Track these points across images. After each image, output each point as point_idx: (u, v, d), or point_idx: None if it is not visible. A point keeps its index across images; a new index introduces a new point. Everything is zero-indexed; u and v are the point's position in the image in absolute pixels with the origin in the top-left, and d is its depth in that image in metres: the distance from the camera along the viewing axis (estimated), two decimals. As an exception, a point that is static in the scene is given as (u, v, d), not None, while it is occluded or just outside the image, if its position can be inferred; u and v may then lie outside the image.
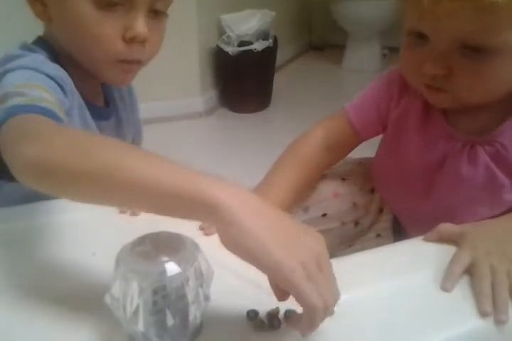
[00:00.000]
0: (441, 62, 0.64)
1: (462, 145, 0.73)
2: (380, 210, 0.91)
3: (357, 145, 0.86)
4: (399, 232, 0.90)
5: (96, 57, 0.73)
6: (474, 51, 0.61)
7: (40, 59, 0.70)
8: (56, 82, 0.66)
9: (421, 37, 0.65)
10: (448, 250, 0.60)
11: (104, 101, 0.85)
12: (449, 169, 0.74)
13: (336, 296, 0.44)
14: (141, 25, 0.69)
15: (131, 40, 0.70)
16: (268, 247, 0.40)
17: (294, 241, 0.43)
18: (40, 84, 0.63)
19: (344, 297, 0.53)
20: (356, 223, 0.89)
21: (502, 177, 0.72)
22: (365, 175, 0.91)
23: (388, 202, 0.89)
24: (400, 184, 0.82)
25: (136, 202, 0.46)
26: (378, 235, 0.90)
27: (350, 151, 0.86)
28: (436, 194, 0.77)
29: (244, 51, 2.43)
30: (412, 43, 0.68)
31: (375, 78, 0.84)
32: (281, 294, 0.45)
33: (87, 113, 0.76)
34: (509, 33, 0.60)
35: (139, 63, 0.75)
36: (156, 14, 0.73)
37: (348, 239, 0.89)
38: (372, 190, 0.91)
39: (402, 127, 0.79)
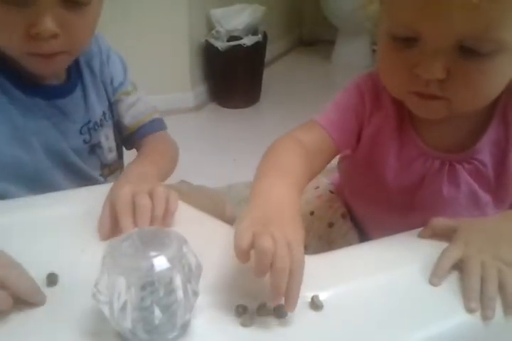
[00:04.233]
0: (438, 64, 0.57)
1: (440, 164, 0.71)
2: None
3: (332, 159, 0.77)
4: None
5: (8, 50, 0.70)
6: (473, 52, 0.56)
7: None
8: None
9: (407, 40, 0.59)
10: (437, 244, 0.60)
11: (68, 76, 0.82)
12: (428, 188, 0.72)
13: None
14: (46, 21, 0.65)
15: (37, 37, 0.66)
16: None
17: None
18: None
19: (331, 292, 0.54)
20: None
21: (484, 195, 0.71)
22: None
23: (360, 213, 0.87)
24: (377, 202, 0.79)
25: None
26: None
27: (326, 165, 0.75)
28: (416, 212, 0.74)
29: (234, 46, 2.42)
30: (396, 47, 0.60)
31: (344, 89, 0.76)
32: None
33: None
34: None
35: (61, 54, 0.71)
36: (75, 3, 0.67)
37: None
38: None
39: (376, 147, 0.74)
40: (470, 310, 0.52)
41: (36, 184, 0.77)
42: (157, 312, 0.44)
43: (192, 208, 0.70)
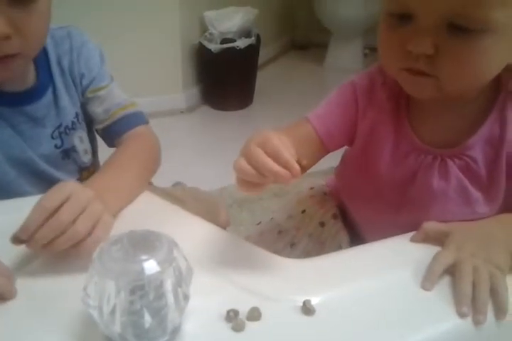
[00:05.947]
0: (428, 40, 0.59)
1: (432, 159, 0.72)
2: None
3: (322, 158, 0.79)
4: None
5: None
6: (461, 30, 0.58)
7: None
8: None
9: (402, 18, 0.61)
10: (429, 249, 0.60)
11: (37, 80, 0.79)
12: (420, 183, 0.73)
13: None
14: None
15: None
16: None
17: None
18: None
19: (323, 297, 0.54)
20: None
21: (475, 191, 0.71)
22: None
23: (353, 213, 0.88)
24: (369, 198, 0.80)
25: None
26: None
27: (315, 162, 0.77)
28: (407, 208, 0.75)
29: (227, 48, 2.41)
30: (392, 25, 0.63)
31: (339, 87, 0.79)
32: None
33: None
34: (499, 11, 0.56)
35: (15, 57, 0.68)
36: (20, 2, 0.64)
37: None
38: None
39: (372, 142, 0.76)
40: (462, 315, 0.52)
41: (2, 196, 0.73)
42: (147, 316, 0.43)
43: (183, 211, 0.70)
